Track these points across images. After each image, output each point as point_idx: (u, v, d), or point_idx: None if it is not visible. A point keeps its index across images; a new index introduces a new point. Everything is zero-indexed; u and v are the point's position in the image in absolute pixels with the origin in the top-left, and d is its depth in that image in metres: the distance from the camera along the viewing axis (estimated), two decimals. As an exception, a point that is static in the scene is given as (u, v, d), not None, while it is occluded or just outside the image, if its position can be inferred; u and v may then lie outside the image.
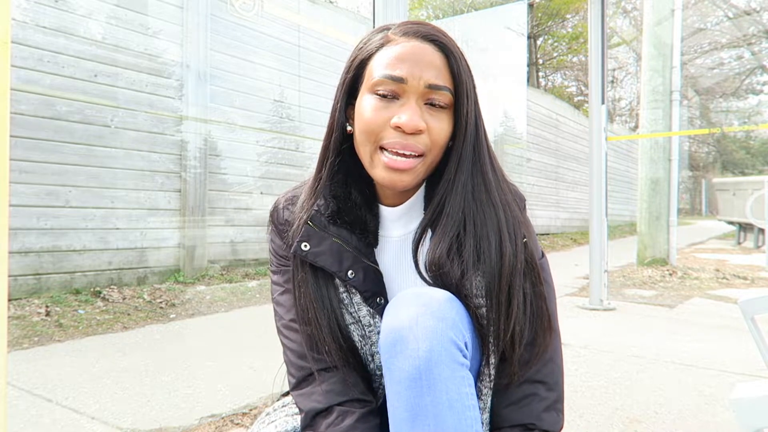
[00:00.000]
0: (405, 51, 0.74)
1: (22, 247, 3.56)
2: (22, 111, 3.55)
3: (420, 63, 0.74)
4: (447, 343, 0.66)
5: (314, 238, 0.80)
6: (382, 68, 0.75)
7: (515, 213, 0.79)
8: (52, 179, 3.73)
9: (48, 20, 3.71)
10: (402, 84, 0.74)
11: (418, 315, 0.68)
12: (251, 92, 5.16)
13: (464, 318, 0.72)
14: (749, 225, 8.70)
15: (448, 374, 0.65)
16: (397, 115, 0.74)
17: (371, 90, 0.76)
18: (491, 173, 0.78)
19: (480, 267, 0.74)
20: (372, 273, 0.81)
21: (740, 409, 1.04)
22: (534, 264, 0.79)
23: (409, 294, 0.72)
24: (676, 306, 3.94)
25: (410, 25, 0.78)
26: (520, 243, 0.77)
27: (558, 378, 0.82)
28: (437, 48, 0.76)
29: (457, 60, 0.76)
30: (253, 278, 4.82)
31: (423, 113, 0.75)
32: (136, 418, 1.80)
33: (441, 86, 0.74)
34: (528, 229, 0.81)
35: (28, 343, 2.76)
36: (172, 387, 2.11)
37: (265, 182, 5.32)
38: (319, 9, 5.87)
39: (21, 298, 3.49)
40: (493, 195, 0.77)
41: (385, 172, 0.75)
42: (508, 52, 8.28)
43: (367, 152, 0.77)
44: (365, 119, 0.76)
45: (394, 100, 0.75)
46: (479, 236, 0.75)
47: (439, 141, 0.76)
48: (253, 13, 5.16)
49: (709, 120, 18.92)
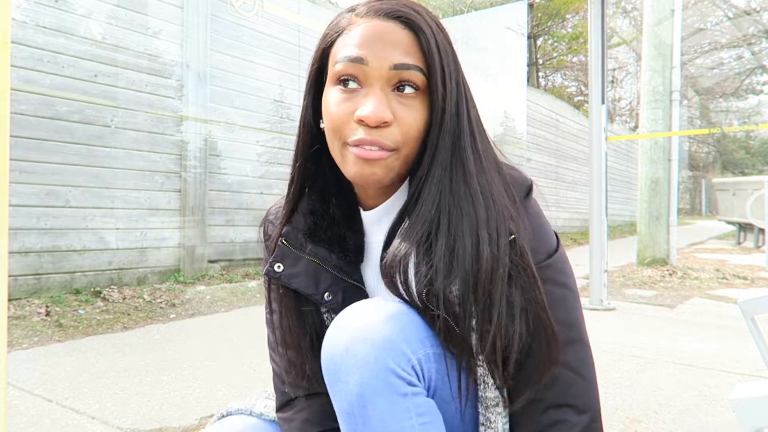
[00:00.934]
0: (366, 32, 0.66)
1: (22, 247, 3.56)
2: (22, 111, 3.55)
3: (382, 42, 0.65)
4: (383, 372, 0.58)
5: (289, 258, 0.74)
6: (342, 53, 0.66)
7: (502, 208, 0.66)
8: (52, 179, 3.73)
9: (48, 20, 3.71)
10: (363, 66, 0.65)
11: (349, 342, 0.60)
12: (251, 92, 5.16)
13: (414, 333, 0.62)
14: (749, 225, 8.70)
15: (386, 408, 0.58)
16: (360, 106, 0.65)
17: (333, 80, 0.68)
18: (473, 164, 0.67)
19: (453, 272, 0.63)
20: (353, 293, 0.73)
21: (740, 409, 1.04)
22: (525, 266, 0.65)
23: (349, 312, 0.64)
24: (676, 306, 3.94)
25: (374, 2, 0.68)
26: (503, 244, 0.64)
27: (590, 397, 0.69)
28: (404, 25, 0.66)
29: (428, 36, 0.66)
30: (253, 278, 4.83)
31: (390, 101, 0.65)
32: (136, 418, 1.80)
33: (409, 65, 0.64)
34: (524, 222, 0.69)
35: (28, 343, 2.76)
36: (172, 387, 2.11)
37: (265, 182, 5.32)
38: (319, 9, 5.87)
39: (21, 298, 3.49)
40: (473, 189, 0.66)
41: (355, 167, 0.66)
42: (508, 52, 8.27)
43: (336, 150, 0.69)
44: (329, 115, 0.68)
45: (358, 89, 0.66)
46: (453, 236, 0.64)
47: (411, 132, 0.66)
48: (253, 13, 5.16)
49: (709, 120, 18.92)
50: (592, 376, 0.70)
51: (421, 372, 0.62)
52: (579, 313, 0.72)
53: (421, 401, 0.60)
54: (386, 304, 0.64)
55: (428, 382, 0.63)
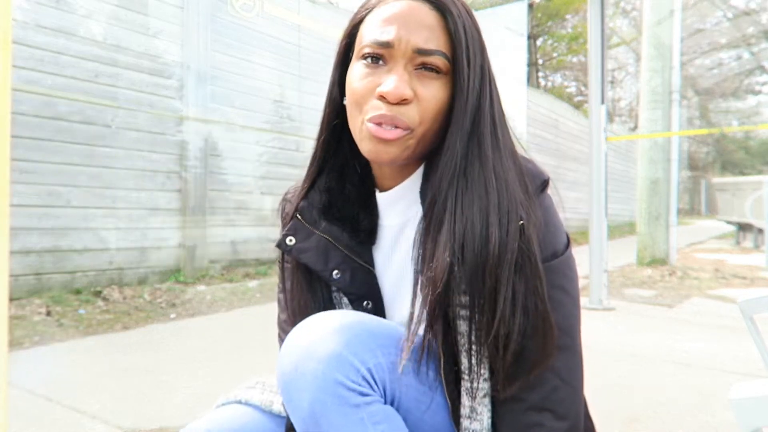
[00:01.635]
0: (394, 12, 0.67)
1: (22, 247, 3.57)
2: (23, 111, 3.55)
3: (409, 24, 0.66)
4: (332, 386, 0.58)
5: (301, 233, 0.75)
6: (369, 32, 0.68)
7: (514, 194, 0.66)
8: (53, 179, 3.73)
9: (49, 21, 3.71)
10: (389, 48, 0.66)
11: (297, 360, 0.60)
12: (251, 92, 5.16)
13: (364, 344, 0.62)
14: (749, 225, 8.70)
15: (340, 421, 0.58)
16: (381, 83, 0.66)
17: (359, 56, 0.69)
18: (491, 149, 0.67)
19: (463, 255, 0.63)
20: (362, 273, 0.74)
21: (740, 408, 1.04)
22: (531, 255, 0.65)
23: (297, 329, 0.65)
24: (675, 306, 3.95)
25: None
26: (513, 229, 0.64)
27: (572, 405, 0.69)
28: (432, 6, 0.67)
29: (456, 19, 0.66)
30: (253, 278, 4.83)
31: (411, 79, 0.66)
32: (137, 417, 1.81)
33: (431, 50, 0.66)
34: (534, 212, 0.68)
35: (28, 343, 2.77)
36: (172, 387, 2.12)
37: (266, 182, 5.32)
38: (319, 9, 5.87)
39: (22, 297, 3.49)
40: (488, 173, 0.66)
41: (370, 144, 0.67)
42: (508, 52, 8.28)
43: (356, 125, 0.70)
44: (352, 89, 0.69)
45: (382, 66, 0.67)
46: (464, 220, 0.64)
47: (430, 111, 0.67)
48: (253, 13, 5.17)
49: (708, 120, 18.92)
50: (579, 384, 0.71)
51: (373, 381, 0.62)
52: (575, 321, 0.72)
53: (376, 409, 0.60)
54: (334, 318, 0.64)
55: (383, 390, 0.63)
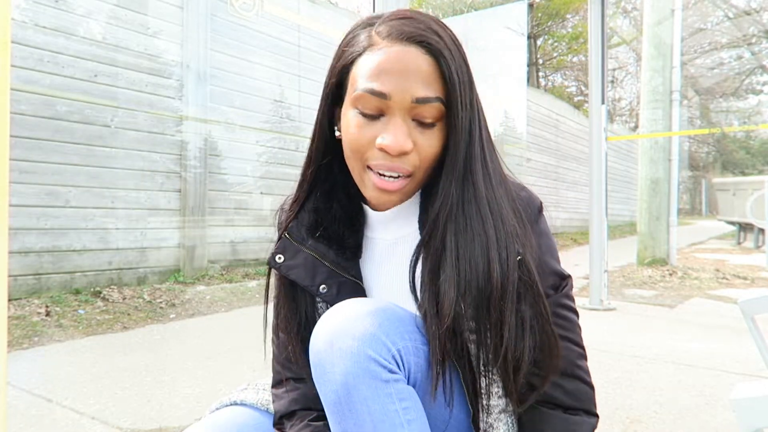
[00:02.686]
0: (389, 59, 0.67)
1: (22, 247, 3.56)
2: (22, 111, 3.55)
3: (405, 73, 0.66)
4: (364, 361, 0.62)
5: (289, 251, 0.79)
6: (364, 79, 0.68)
7: (510, 228, 0.70)
8: (52, 179, 3.73)
9: (48, 20, 3.71)
10: (385, 100, 0.67)
11: (332, 336, 0.64)
12: (251, 92, 5.16)
13: (394, 327, 0.67)
14: (749, 225, 8.70)
15: (369, 394, 0.62)
16: (381, 135, 0.68)
17: (354, 103, 0.70)
18: (483, 185, 0.71)
19: (468, 291, 0.68)
20: (349, 287, 0.78)
21: (740, 409, 1.04)
22: (532, 282, 0.70)
23: (330, 312, 0.69)
24: (676, 306, 3.94)
25: (396, 21, 0.69)
26: (512, 262, 0.69)
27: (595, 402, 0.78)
28: (426, 50, 0.67)
29: (449, 61, 0.68)
30: (253, 278, 4.83)
31: (411, 130, 0.69)
32: (136, 418, 1.81)
33: (430, 98, 0.67)
34: (530, 240, 0.73)
35: (28, 343, 2.76)
36: (172, 387, 2.12)
37: (265, 182, 5.32)
38: (319, 9, 5.87)
39: (21, 298, 3.49)
40: (483, 210, 0.69)
41: (374, 192, 0.72)
42: (508, 52, 8.28)
43: (355, 169, 0.74)
44: (349, 137, 0.71)
45: (379, 116, 0.69)
46: (467, 258, 0.68)
47: (429, 157, 0.71)
48: (253, 13, 5.16)
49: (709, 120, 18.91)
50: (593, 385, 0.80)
51: (401, 361, 0.66)
52: (581, 330, 0.82)
53: (402, 387, 0.64)
54: (366, 302, 0.69)
55: (408, 372, 0.67)
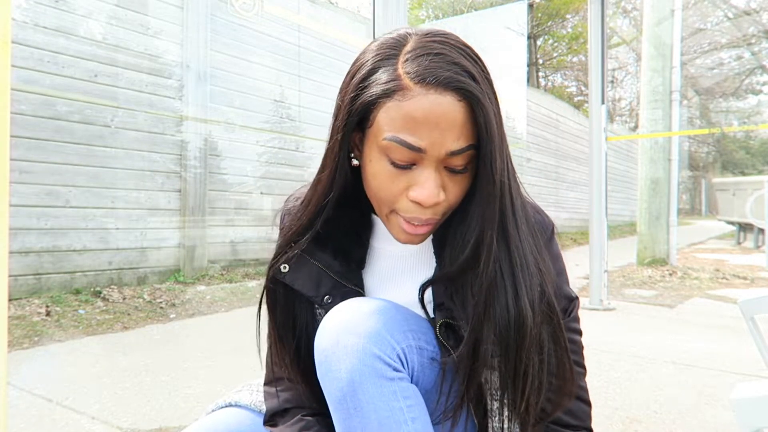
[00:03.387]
0: (424, 111, 0.62)
1: (22, 247, 3.56)
2: (22, 111, 3.55)
3: (441, 126, 0.62)
4: (369, 359, 0.63)
5: (294, 261, 0.78)
6: (395, 129, 0.63)
7: (535, 270, 0.69)
8: (53, 179, 3.73)
9: (48, 20, 3.71)
10: (420, 153, 0.64)
11: (338, 334, 0.65)
12: (251, 92, 5.16)
13: (398, 326, 0.67)
14: (749, 225, 8.70)
15: (374, 392, 0.62)
16: (413, 187, 0.66)
17: (384, 151, 0.66)
18: (514, 229, 0.69)
19: (494, 330, 0.66)
20: (352, 296, 0.77)
21: (740, 409, 1.04)
22: (554, 316, 0.69)
23: (336, 311, 0.69)
24: (676, 306, 3.94)
25: (426, 58, 0.63)
26: (539, 302, 0.68)
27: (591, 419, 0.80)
28: (461, 96, 0.62)
29: (484, 106, 0.63)
30: (253, 278, 4.83)
31: (443, 178, 0.67)
32: (136, 418, 1.81)
33: (464, 148, 0.64)
34: (550, 272, 0.71)
35: (28, 343, 2.76)
36: (172, 387, 2.12)
37: (265, 182, 5.32)
38: (319, 9, 5.87)
39: (21, 298, 3.49)
40: (513, 256, 0.68)
41: (401, 235, 0.70)
42: (508, 52, 8.28)
43: (382, 212, 0.71)
44: (377, 184, 0.68)
45: (411, 166, 0.66)
46: (500, 301, 0.67)
47: (458, 201, 0.69)
48: (253, 13, 5.16)
49: (709, 120, 18.91)
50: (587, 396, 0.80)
51: (405, 360, 0.66)
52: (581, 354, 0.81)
53: (406, 386, 0.65)
54: (372, 302, 0.69)
55: (411, 371, 0.68)
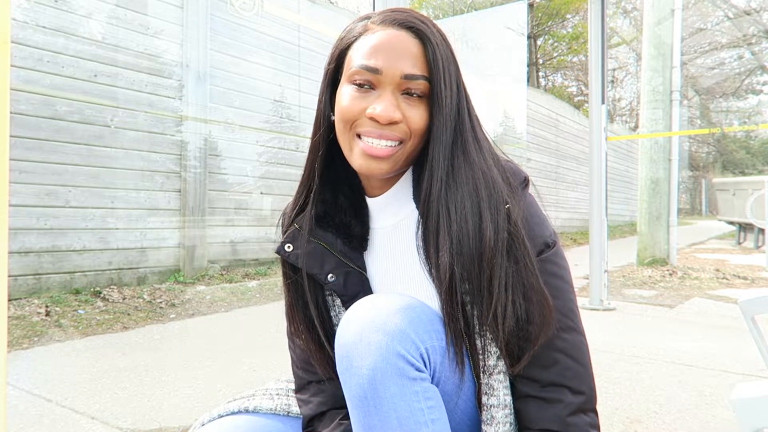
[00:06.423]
0: (381, 40, 0.74)
1: (22, 247, 3.56)
2: (22, 111, 3.55)
3: (395, 52, 0.73)
4: (393, 357, 0.62)
5: (298, 240, 0.81)
6: (359, 58, 0.75)
7: (499, 186, 0.74)
8: (52, 179, 3.73)
9: (48, 20, 3.71)
10: (377, 74, 0.73)
11: (362, 330, 0.65)
12: (251, 92, 5.16)
13: (423, 326, 0.68)
14: (749, 225, 8.69)
15: (396, 391, 0.62)
16: (372, 105, 0.74)
17: (349, 79, 0.76)
18: (475, 152, 0.75)
19: (461, 253, 0.70)
20: (355, 277, 0.80)
21: (740, 409, 1.04)
22: (518, 236, 0.72)
23: (360, 305, 0.69)
24: (676, 306, 3.94)
25: (389, 12, 0.77)
26: (502, 218, 0.72)
27: (584, 380, 0.75)
28: (414, 35, 0.75)
29: (434, 46, 0.74)
30: (253, 278, 4.82)
31: (399, 103, 0.74)
32: (136, 418, 1.80)
33: (416, 75, 0.73)
34: (518, 200, 0.75)
35: (28, 343, 2.76)
36: (172, 387, 2.11)
37: (265, 182, 5.32)
38: (319, 9, 5.87)
39: (21, 298, 3.49)
40: (476, 173, 0.74)
41: (362, 159, 0.75)
42: (508, 52, 8.28)
43: (345, 140, 0.77)
44: (342, 108, 0.76)
45: (371, 90, 0.75)
46: (458, 220, 0.71)
47: (417, 128, 0.75)
48: (252, 13, 5.16)
49: (709, 120, 18.91)
50: (587, 361, 0.77)
51: (428, 360, 0.67)
52: (574, 305, 0.79)
53: (428, 386, 0.65)
54: (398, 299, 0.69)
55: (433, 372, 0.68)
